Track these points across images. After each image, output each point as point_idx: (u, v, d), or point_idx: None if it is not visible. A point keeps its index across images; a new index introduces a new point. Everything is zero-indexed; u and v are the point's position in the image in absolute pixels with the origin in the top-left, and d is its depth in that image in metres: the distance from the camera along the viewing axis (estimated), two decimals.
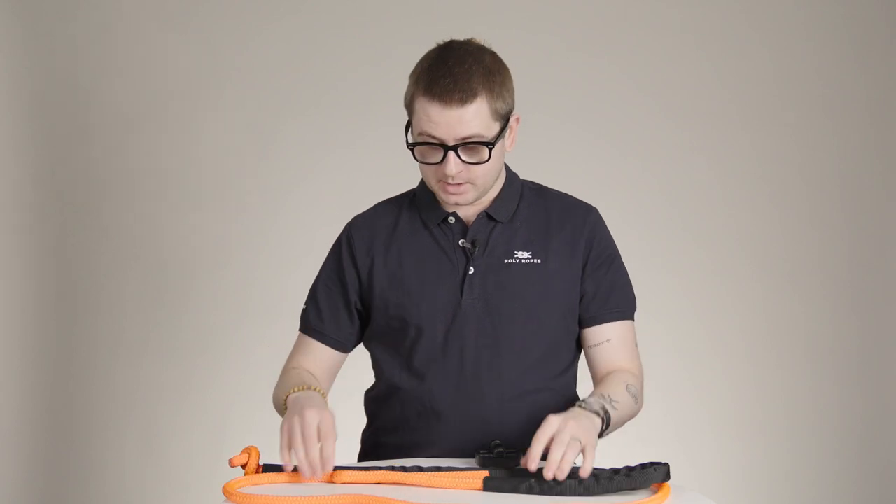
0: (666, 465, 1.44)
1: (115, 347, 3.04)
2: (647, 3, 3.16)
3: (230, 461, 1.50)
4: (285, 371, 1.85)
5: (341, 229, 1.88)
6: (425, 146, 1.66)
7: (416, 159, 1.70)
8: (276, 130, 3.09)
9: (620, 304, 1.78)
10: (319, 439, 1.47)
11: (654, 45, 3.14)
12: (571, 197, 1.85)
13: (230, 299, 3.06)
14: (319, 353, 1.84)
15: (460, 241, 1.76)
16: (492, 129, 1.65)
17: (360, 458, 1.86)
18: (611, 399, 1.63)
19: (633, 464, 1.47)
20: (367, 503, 1.35)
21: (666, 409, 3.05)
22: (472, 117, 1.62)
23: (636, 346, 1.82)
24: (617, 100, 3.13)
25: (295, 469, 1.47)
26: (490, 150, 1.65)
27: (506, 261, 1.74)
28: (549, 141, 3.06)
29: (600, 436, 1.56)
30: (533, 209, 1.80)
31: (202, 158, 3.08)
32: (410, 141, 1.68)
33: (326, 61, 3.09)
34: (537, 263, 1.74)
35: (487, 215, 1.77)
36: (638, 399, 1.73)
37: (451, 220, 1.77)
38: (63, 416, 3.03)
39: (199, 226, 3.07)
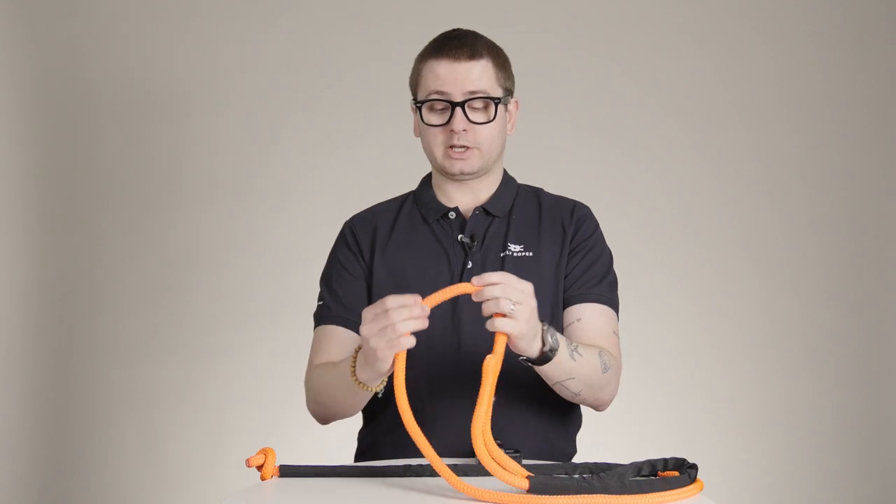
0: (695, 466, 1.43)
1: (115, 347, 3.04)
2: (647, 3, 3.16)
3: (247, 461, 1.48)
4: (319, 368, 1.74)
5: (344, 223, 1.88)
6: (434, 103, 1.72)
7: (423, 122, 1.74)
8: (276, 130, 3.09)
9: (597, 289, 1.76)
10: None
11: (654, 44, 3.14)
12: (565, 197, 1.86)
13: (230, 299, 3.06)
14: (346, 341, 1.76)
15: (459, 236, 1.77)
16: (497, 91, 1.73)
17: (357, 458, 1.86)
18: (575, 346, 1.59)
19: (655, 457, 1.46)
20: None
21: (666, 409, 3.05)
22: (480, 74, 1.71)
23: (615, 335, 1.77)
24: (617, 99, 3.13)
25: None
26: (496, 106, 1.72)
27: (501, 254, 1.75)
28: (549, 140, 3.06)
29: (541, 362, 1.52)
30: (526, 206, 1.83)
31: (202, 158, 3.08)
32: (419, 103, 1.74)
33: (326, 61, 3.10)
34: (529, 256, 1.76)
35: (485, 210, 1.79)
36: (608, 371, 1.67)
37: (452, 215, 1.79)
38: (63, 416, 3.03)
39: (199, 226, 3.07)
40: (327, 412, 1.74)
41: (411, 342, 1.42)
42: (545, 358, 1.53)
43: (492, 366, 1.41)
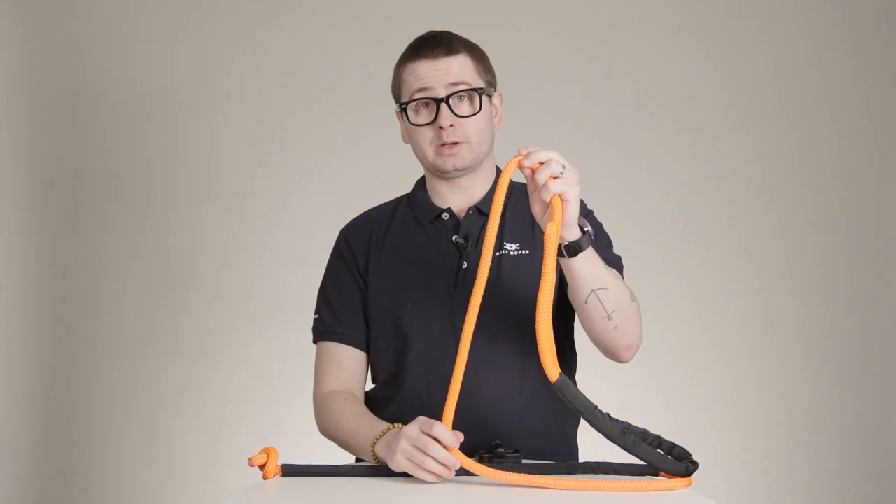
0: (696, 463, 1.43)
1: (115, 347, 3.04)
2: (647, 3, 3.16)
3: (249, 460, 1.49)
4: (336, 403, 1.76)
5: (339, 231, 1.89)
6: (418, 104, 1.72)
7: (410, 123, 1.74)
8: (276, 130, 3.09)
9: (604, 254, 1.70)
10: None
11: (654, 44, 3.14)
12: None
13: (230, 299, 3.06)
14: (348, 360, 1.80)
15: (453, 237, 1.77)
16: (478, 83, 1.74)
17: (359, 459, 1.86)
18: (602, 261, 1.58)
19: (667, 438, 1.46)
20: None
21: (666, 408, 3.05)
22: (459, 68, 1.72)
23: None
24: (617, 99, 3.13)
25: None
26: (481, 97, 1.72)
27: (496, 253, 1.75)
28: (550, 140, 3.04)
29: (580, 247, 1.51)
30: (520, 203, 1.81)
31: (202, 158, 3.08)
32: (403, 112, 1.75)
33: (326, 61, 3.10)
34: (526, 254, 1.75)
35: (478, 210, 1.79)
36: (635, 302, 1.66)
37: (445, 216, 1.79)
38: (63, 416, 3.03)
39: (198, 226, 3.07)
40: (335, 443, 1.77)
41: (432, 479, 1.44)
42: (585, 242, 1.51)
43: (553, 232, 1.43)
